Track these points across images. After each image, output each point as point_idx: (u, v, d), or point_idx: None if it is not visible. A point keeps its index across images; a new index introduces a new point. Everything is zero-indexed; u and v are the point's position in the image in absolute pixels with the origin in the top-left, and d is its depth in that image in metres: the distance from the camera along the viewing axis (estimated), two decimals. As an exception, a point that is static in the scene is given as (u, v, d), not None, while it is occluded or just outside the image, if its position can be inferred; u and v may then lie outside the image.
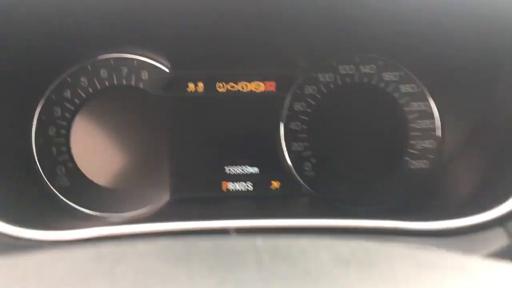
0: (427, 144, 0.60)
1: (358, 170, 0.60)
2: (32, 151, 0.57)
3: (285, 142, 0.61)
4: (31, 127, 0.58)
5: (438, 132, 0.60)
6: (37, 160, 0.57)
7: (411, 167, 0.60)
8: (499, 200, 0.45)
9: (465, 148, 0.58)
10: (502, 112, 0.53)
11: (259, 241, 0.31)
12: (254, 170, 0.60)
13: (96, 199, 0.59)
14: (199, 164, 0.61)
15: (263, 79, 0.61)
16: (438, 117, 0.60)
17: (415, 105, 0.61)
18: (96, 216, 0.57)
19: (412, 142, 0.61)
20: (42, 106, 0.58)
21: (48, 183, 0.57)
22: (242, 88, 0.61)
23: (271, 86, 0.61)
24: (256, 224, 0.49)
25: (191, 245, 0.31)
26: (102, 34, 0.57)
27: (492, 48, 0.52)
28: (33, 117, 0.58)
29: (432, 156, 0.60)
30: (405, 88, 0.61)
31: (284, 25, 0.57)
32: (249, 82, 0.61)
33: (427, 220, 0.47)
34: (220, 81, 0.60)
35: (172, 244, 0.32)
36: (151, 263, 0.29)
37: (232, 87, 0.61)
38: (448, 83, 0.59)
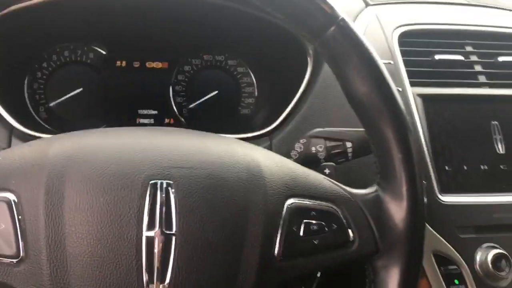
0: (250, 100, 0.96)
1: (213, 110, 0.95)
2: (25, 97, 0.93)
3: (172, 97, 0.93)
4: (24, 84, 0.91)
5: (256, 93, 0.96)
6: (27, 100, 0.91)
7: (241, 112, 0.96)
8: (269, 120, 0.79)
9: (264, 98, 0.95)
10: (282, 78, 0.94)
11: None
12: (154, 112, 0.93)
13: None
14: (122, 107, 0.92)
15: (161, 60, 0.93)
16: (256, 86, 0.96)
17: (244, 79, 0.95)
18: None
19: (243, 99, 0.96)
20: (29, 73, 0.91)
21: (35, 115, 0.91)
22: (149, 65, 0.93)
23: (165, 65, 0.93)
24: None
25: None
26: (65, 31, 0.95)
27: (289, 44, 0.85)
28: (24, 79, 0.91)
29: (252, 106, 0.96)
30: (239, 69, 0.95)
31: (174, 29, 0.91)
32: (153, 61, 0.93)
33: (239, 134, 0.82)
34: (136, 60, 0.92)
35: None
36: None
37: (143, 64, 0.92)
38: (263, 66, 0.96)
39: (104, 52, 0.92)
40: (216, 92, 0.95)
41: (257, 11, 0.80)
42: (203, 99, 0.95)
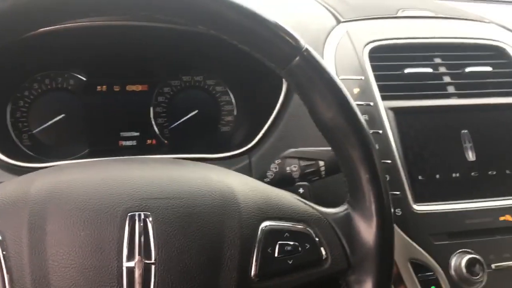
0: (229, 118, 0.98)
1: (194, 129, 0.97)
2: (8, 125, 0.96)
3: (154, 118, 0.95)
4: (6, 113, 0.92)
5: (235, 112, 0.98)
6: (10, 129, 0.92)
7: (221, 130, 0.98)
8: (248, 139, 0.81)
9: (243, 116, 0.98)
10: (259, 97, 0.97)
11: None
12: (136, 134, 0.94)
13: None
14: (105, 130, 0.94)
15: (141, 83, 0.95)
16: (235, 104, 0.99)
17: (223, 97, 0.97)
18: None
19: (222, 117, 0.98)
20: (11, 102, 0.92)
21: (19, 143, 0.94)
22: (129, 88, 0.94)
23: (145, 87, 0.95)
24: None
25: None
26: (45, 59, 0.97)
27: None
28: (6, 108, 0.92)
29: (231, 124, 0.98)
30: (218, 88, 0.97)
31: (151, 53, 0.95)
32: (133, 85, 0.94)
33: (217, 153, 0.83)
34: (116, 84, 0.93)
35: None
36: None
37: (124, 87, 0.94)
38: (241, 85, 0.98)
39: (84, 78, 0.93)
40: (196, 111, 0.97)
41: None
42: (183, 119, 0.97)
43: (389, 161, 0.81)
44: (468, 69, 0.93)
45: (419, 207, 0.80)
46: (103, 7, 0.46)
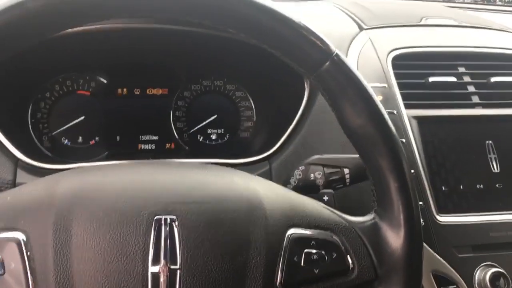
0: (249, 123, 0.97)
1: (213, 134, 0.98)
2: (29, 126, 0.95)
3: (173, 122, 0.95)
4: (27, 115, 0.94)
5: (254, 118, 0.98)
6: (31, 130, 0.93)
7: (240, 136, 0.97)
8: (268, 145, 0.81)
9: (263, 121, 0.97)
10: (279, 103, 0.97)
11: None
12: (155, 137, 0.94)
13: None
14: (124, 133, 0.94)
15: (161, 87, 0.96)
16: (254, 110, 0.98)
17: (243, 103, 0.97)
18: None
19: (242, 122, 0.97)
20: (33, 103, 0.93)
21: (39, 145, 0.94)
22: (150, 92, 0.95)
23: (165, 91, 0.96)
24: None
25: None
26: (68, 61, 0.98)
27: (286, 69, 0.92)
28: (28, 109, 0.94)
29: (251, 129, 0.98)
30: (238, 93, 0.97)
31: (173, 57, 0.95)
32: (154, 88, 0.95)
33: (237, 158, 0.81)
34: (137, 88, 0.95)
35: None
36: None
37: (144, 91, 0.95)
38: (261, 91, 0.99)
39: (105, 81, 0.94)
40: (216, 116, 0.97)
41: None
42: (203, 124, 0.97)
43: (412, 171, 0.79)
44: (493, 79, 0.91)
45: (442, 218, 0.79)
46: (136, 7, 0.46)
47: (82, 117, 0.93)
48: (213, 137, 0.97)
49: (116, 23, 0.85)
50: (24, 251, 0.46)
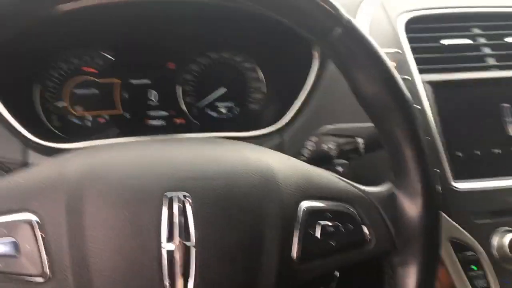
0: (259, 95, 0.96)
1: (223, 108, 0.98)
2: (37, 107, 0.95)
3: (182, 97, 0.94)
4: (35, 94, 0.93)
5: (264, 89, 0.97)
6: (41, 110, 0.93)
7: (250, 108, 0.97)
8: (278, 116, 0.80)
9: (273, 93, 0.97)
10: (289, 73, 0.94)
11: None
12: (165, 113, 0.93)
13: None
14: (134, 110, 0.94)
15: (169, 61, 0.95)
16: (264, 81, 0.97)
17: (252, 74, 0.96)
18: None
19: (251, 94, 0.96)
20: (40, 82, 0.92)
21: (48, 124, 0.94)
22: (157, 67, 0.94)
23: (172, 65, 0.94)
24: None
25: None
26: (73, 39, 0.96)
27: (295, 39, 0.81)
28: (34, 89, 0.92)
29: (261, 101, 0.97)
30: (246, 64, 0.96)
31: (177, 30, 0.93)
32: (161, 63, 0.95)
33: (248, 131, 0.80)
34: (144, 63, 0.93)
35: None
36: None
37: (151, 66, 0.94)
38: (269, 61, 0.97)
39: (112, 58, 0.92)
40: (225, 89, 0.95)
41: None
42: (212, 97, 0.95)
43: (428, 138, 0.78)
44: (508, 39, 0.88)
45: (459, 185, 0.78)
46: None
47: (92, 94, 0.91)
48: (223, 110, 0.96)
49: (119, -4, 0.83)
50: (39, 232, 0.46)
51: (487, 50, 0.88)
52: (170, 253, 0.45)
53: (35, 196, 0.47)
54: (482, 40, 0.88)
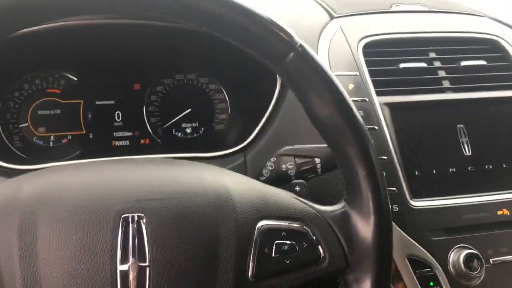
0: (223, 116, 0.97)
1: (187, 128, 0.97)
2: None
3: (147, 118, 0.95)
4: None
5: (229, 110, 0.98)
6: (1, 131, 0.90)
7: (215, 129, 0.98)
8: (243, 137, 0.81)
9: (237, 113, 0.98)
10: (253, 94, 0.96)
11: None
12: (130, 134, 0.93)
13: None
14: (98, 131, 0.93)
15: (133, 82, 0.95)
16: (228, 102, 0.98)
17: (217, 95, 0.97)
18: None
19: (216, 115, 0.97)
20: (1, 103, 0.90)
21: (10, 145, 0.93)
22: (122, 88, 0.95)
23: (137, 86, 0.95)
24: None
25: None
26: (35, 59, 0.96)
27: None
28: None
29: (226, 122, 0.97)
30: (211, 86, 0.97)
31: (143, 52, 0.95)
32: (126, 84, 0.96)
33: (212, 151, 0.81)
34: (108, 84, 0.94)
35: None
36: None
37: (116, 87, 0.94)
38: (234, 83, 0.98)
39: (75, 79, 0.92)
40: (190, 110, 0.96)
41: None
42: (177, 118, 0.96)
43: (385, 157, 0.80)
44: (463, 63, 0.92)
45: (416, 203, 0.80)
46: (91, 5, 0.45)
47: (55, 114, 0.91)
48: (188, 130, 0.97)
49: (83, 19, 0.83)
50: None
51: (442, 73, 0.91)
52: (124, 274, 0.46)
53: None
54: (438, 64, 0.92)
